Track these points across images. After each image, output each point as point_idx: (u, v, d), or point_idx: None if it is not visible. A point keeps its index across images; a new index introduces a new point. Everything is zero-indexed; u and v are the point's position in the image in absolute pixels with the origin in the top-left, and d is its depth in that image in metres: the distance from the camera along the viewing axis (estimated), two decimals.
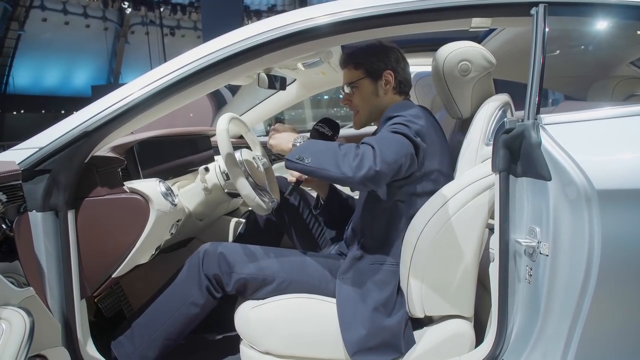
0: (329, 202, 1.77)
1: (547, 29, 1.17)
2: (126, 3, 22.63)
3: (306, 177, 1.64)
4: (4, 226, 0.93)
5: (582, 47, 2.17)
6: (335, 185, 1.78)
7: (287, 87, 2.59)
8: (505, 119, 1.21)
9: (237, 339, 1.48)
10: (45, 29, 22.51)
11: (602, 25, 1.39)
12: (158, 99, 1.28)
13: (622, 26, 1.38)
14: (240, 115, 2.65)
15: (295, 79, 2.53)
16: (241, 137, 2.19)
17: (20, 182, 1.05)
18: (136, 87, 1.25)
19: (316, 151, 1.27)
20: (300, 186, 1.66)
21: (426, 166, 1.39)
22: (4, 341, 0.77)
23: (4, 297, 0.85)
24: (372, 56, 1.52)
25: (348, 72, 1.57)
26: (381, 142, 1.25)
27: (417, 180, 1.39)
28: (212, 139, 2.21)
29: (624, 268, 1.01)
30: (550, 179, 1.06)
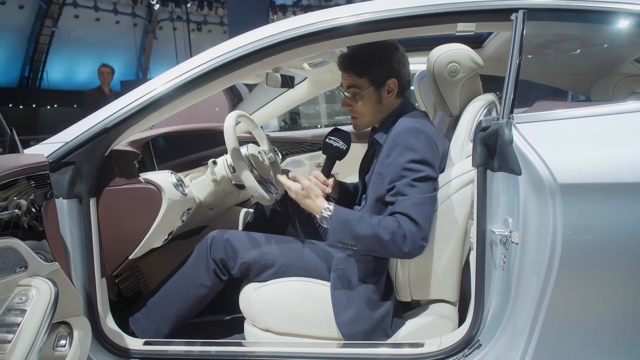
0: (341, 200, 1.82)
1: (525, 33, 1.25)
2: None
3: (328, 191, 1.66)
4: (33, 210, 1.08)
5: (585, 45, 2.23)
6: (344, 184, 1.85)
7: (299, 85, 2.71)
8: (482, 118, 1.30)
9: (241, 320, 1.61)
10: (78, 25, 23.16)
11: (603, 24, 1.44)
12: (169, 98, 1.41)
13: (627, 24, 1.42)
14: (255, 112, 2.79)
15: (306, 77, 2.64)
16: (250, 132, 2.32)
17: (48, 172, 1.20)
18: (151, 87, 1.40)
19: (358, 236, 1.36)
20: None
21: None
22: (34, 304, 0.92)
23: (33, 269, 1.01)
24: (376, 65, 1.51)
25: (349, 77, 1.55)
26: (419, 210, 1.33)
27: None
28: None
29: (583, 255, 1.09)
30: (520, 174, 1.15)
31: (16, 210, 1.00)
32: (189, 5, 20.58)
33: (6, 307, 0.91)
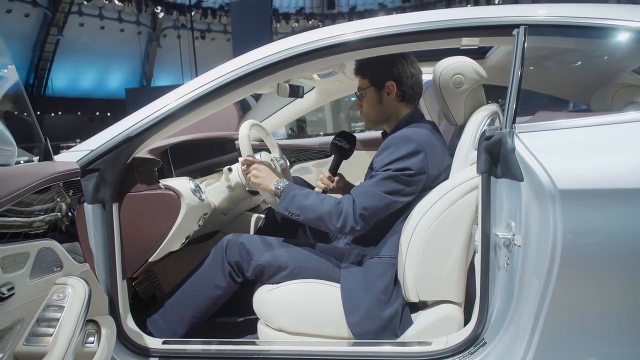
0: None
1: (526, 47, 1.33)
2: (159, 7, 23.35)
3: (332, 186, 1.87)
4: (69, 214, 1.15)
5: (584, 58, 2.31)
6: (354, 185, 1.97)
7: (307, 95, 2.79)
8: (486, 127, 1.37)
9: (253, 321, 1.68)
10: (82, 33, 23.41)
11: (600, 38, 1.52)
12: (189, 109, 1.49)
13: (623, 38, 1.50)
14: (264, 120, 2.88)
15: (314, 87, 2.73)
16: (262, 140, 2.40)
17: (79, 178, 1.28)
18: (172, 99, 1.48)
19: (302, 207, 1.55)
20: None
21: (426, 183, 1.55)
22: (71, 301, 0.99)
23: (68, 269, 1.08)
24: (375, 68, 1.67)
25: (359, 79, 1.73)
26: (363, 198, 1.50)
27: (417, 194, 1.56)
28: (236, 142, 2.44)
29: (582, 256, 1.16)
30: (522, 180, 1.22)
31: (57, 214, 1.07)
32: (193, 13, 20.77)
33: (46, 303, 0.98)
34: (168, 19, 24.48)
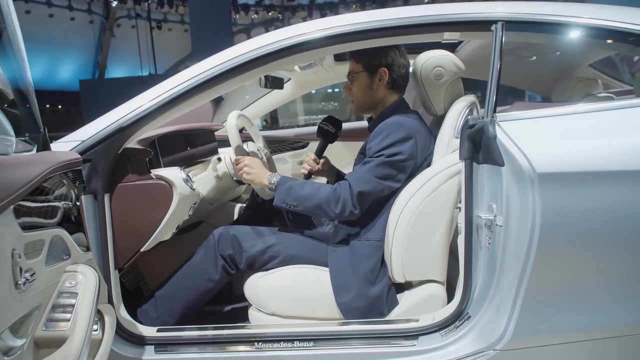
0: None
1: (504, 41, 1.43)
2: None
3: (317, 168, 1.92)
4: (77, 203, 1.16)
5: (548, 52, 2.47)
6: (341, 171, 2.05)
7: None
8: (469, 117, 1.47)
9: (242, 309, 1.72)
10: (29, 21, 22.23)
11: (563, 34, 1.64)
12: (179, 100, 1.51)
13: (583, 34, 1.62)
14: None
15: (290, 78, 2.77)
16: (242, 130, 2.43)
17: (80, 168, 1.28)
18: (165, 88, 1.49)
19: (299, 197, 1.60)
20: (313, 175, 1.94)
21: (412, 169, 1.64)
22: (83, 287, 1.01)
23: (75, 257, 1.09)
24: (371, 53, 1.71)
25: (351, 64, 1.77)
26: (360, 184, 1.57)
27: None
28: (215, 133, 2.45)
29: (558, 234, 1.28)
30: (503, 165, 1.32)
31: (67, 203, 1.08)
32: (149, 2, 20.13)
33: (59, 290, 1.00)
34: (122, 8, 23.61)
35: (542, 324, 1.35)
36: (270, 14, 22.43)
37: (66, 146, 1.44)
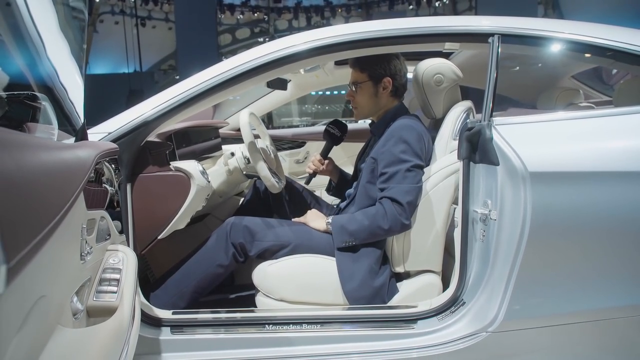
0: (340, 184, 2.18)
1: (500, 52, 1.58)
2: None
3: (322, 168, 2.05)
4: (119, 188, 1.25)
5: (534, 63, 2.65)
6: (344, 171, 2.19)
7: None
8: (467, 120, 1.62)
9: (247, 298, 1.82)
10: (7, 15, 21.75)
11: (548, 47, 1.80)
12: (199, 98, 1.62)
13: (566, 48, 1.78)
14: (239, 111, 3.00)
15: (290, 80, 2.88)
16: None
17: (117, 157, 1.38)
18: (189, 85, 1.59)
19: (352, 233, 1.72)
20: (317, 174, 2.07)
21: None
22: (126, 264, 1.11)
23: (113, 238, 1.19)
24: (375, 63, 1.83)
25: (355, 72, 1.88)
26: (404, 196, 1.66)
27: None
28: (220, 130, 2.55)
29: (547, 227, 1.43)
30: (498, 164, 1.46)
31: (113, 188, 1.18)
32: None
33: (104, 266, 1.09)
34: (105, 4, 23.32)
35: (530, 308, 1.50)
36: (256, 15, 22.45)
37: (94, 138, 1.53)
